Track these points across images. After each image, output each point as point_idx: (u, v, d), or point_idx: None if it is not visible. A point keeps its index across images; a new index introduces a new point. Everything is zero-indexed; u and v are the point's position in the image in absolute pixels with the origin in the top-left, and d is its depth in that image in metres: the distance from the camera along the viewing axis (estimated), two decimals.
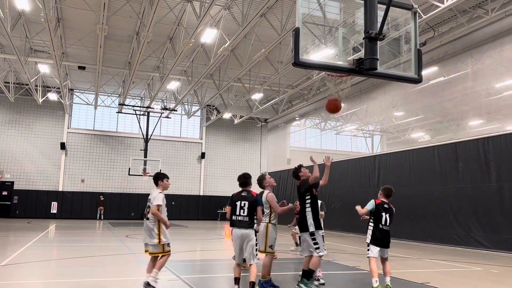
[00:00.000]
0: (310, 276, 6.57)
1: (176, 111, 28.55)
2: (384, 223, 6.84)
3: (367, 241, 6.90)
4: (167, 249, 6.53)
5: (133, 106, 27.92)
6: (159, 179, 6.80)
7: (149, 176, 26.96)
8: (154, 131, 28.46)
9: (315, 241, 6.53)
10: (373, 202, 6.96)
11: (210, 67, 18.96)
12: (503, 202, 13.47)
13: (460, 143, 15.45)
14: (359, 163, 21.06)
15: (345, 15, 4.66)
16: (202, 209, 30.78)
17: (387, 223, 6.87)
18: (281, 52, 18.17)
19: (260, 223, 6.43)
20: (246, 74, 20.90)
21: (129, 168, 27.04)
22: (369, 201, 6.97)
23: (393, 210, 7.05)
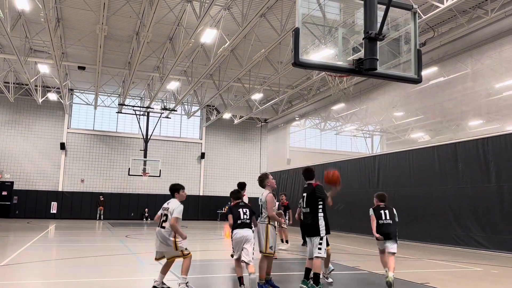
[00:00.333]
0: (318, 280, 6.51)
1: (176, 111, 28.55)
2: (383, 218, 7.34)
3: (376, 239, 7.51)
4: (186, 252, 6.42)
5: (133, 106, 27.92)
6: (176, 190, 6.62)
7: (149, 176, 27.00)
8: (154, 131, 28.47)
9: (321, 245, 6.57)
10: (371, 209, 7.60)
11: (210, 67, 18.96)
12: (503, 202, 13.48)
13: (459, 144, 15.46)
14: (359, 163, 21.06)
15: (345, 15, 4.65)
16: (202, 209, 30.78)
17: (386, 217, 7.34)
18: (281, 52, 18.18)
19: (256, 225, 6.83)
20: (246, 74, 20.90)
21: (129, 168, 27.03)
22: (369, 212, 7.57)
23: (391, 207, 7.52)
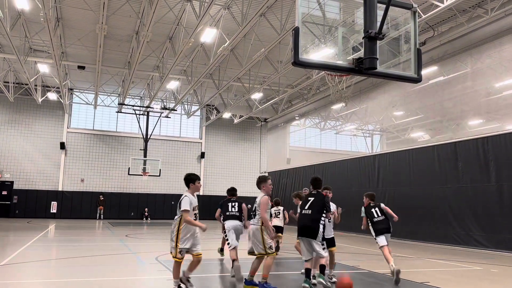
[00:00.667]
0: (324, 270, 7.06)
1: (175, 110, 28.54)
2: (376, 215, 7.95)
3: (374, 237, 7.95)
4: (196, 252, 6.03)
5: (133, 105, 27.90)
6: (191, 181, 6.14)
7: (149, 176, 26.99)
8: (153, 130, 28.47)
9: (323, 245, 6.97)
10: (363, 208, 8.17)
11: (209, 67, 18.95)
12: (503, 201, 13.48)
13: (459, 143, 15.46)
14: (358, 162, 21.05)
15: (345, 14, 4.65)
16: (202, 208, 30.56)
17: (378, 214, 7.96)
18: (280, 51, 18.16)
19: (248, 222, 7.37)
20: (245, 73, 20.89)
21: (128, 167, 27.03)
22: (362, 212, 8.20)
23: (379, 204, 8.14)
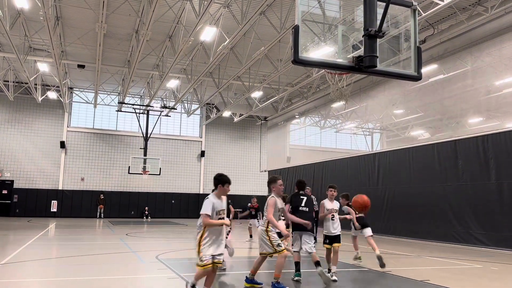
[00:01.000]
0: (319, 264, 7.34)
1: (175, 109, 28.54)
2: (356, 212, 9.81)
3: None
4: (201, 263, 5.52)
5: (133, 104, 27.90)
6: (220, 182, 5.56)
7: (149, 174, 27.01)
8: (153, 129, 28.48)
9: (313, 242, 7.47)
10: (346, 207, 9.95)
11: (209, 65, 18.94)
12: (503, 199, 13.48)
13: (459, 141, 15.45)
14: (358, 161, 21.05)
15: (345, 12, 4.65)
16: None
17: (356, 212, 9.83)
18: (280, 50, 18.15)
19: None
20: (245, 72, 20.89)
21: (128, 166, 27.06)
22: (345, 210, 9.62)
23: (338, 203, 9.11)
